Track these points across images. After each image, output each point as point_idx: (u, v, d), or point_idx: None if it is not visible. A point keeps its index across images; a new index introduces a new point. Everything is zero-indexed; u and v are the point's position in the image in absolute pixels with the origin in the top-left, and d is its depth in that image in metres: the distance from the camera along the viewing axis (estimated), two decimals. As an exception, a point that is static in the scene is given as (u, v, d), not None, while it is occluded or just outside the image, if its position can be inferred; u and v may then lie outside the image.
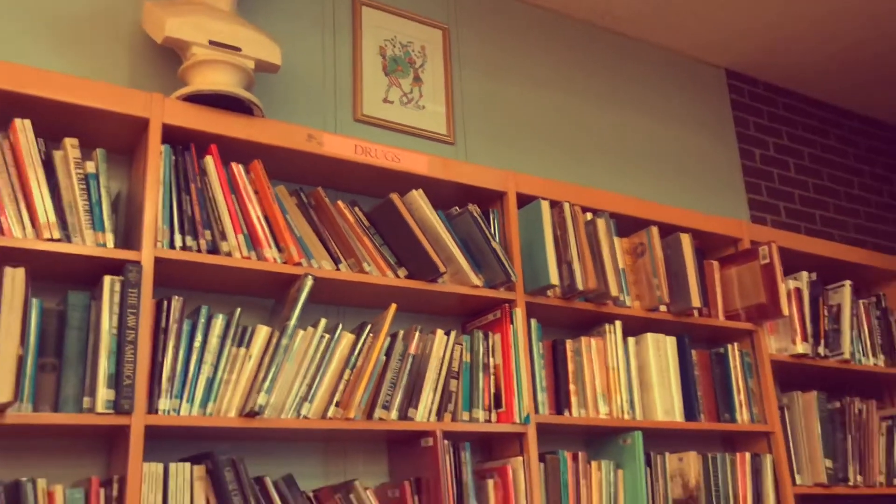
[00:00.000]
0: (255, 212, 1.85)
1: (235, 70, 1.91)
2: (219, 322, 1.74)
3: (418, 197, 2.10)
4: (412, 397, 1.94)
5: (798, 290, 2.73)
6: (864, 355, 2.85)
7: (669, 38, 3.21)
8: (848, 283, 2.88)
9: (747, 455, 2.44)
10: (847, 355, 2.76)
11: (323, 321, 1.87)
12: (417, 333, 1.99)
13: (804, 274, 2.80)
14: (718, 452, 2.40)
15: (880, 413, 2.88)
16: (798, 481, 2.56)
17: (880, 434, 2.79)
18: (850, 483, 2.63)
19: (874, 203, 3.78)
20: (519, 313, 2.14)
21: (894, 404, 3.11)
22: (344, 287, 1.97)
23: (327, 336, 1.86)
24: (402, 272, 2.02)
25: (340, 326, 1.88)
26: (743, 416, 2.48)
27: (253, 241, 1.83)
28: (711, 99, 3.35)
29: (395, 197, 2.06)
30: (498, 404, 2.08)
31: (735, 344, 2.55)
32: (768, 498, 2.43)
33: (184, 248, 1.74)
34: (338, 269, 1.94)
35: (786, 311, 2.50)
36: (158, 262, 1.71)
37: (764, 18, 3.13)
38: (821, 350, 2.72)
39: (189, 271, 1.79)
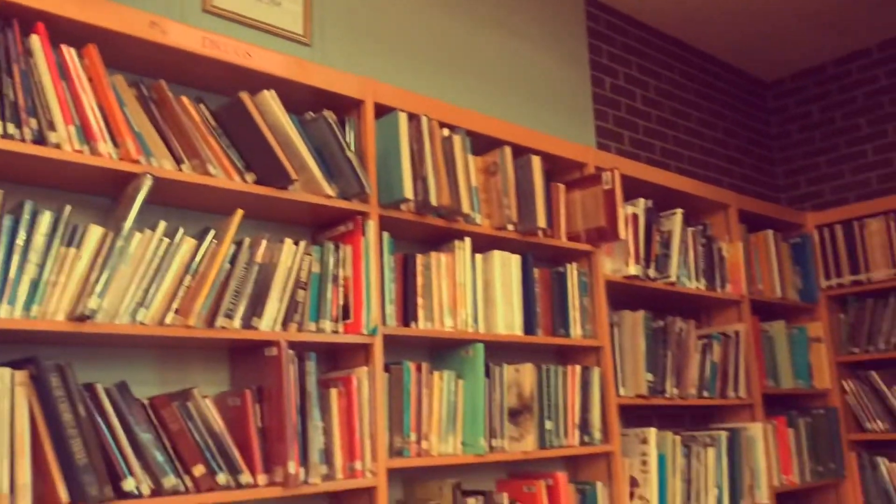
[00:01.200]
0: (88, 101, 1.69)
1: (67, -60, 1.71)
2: (45, 219, 1.60)
3: (270, 98, 2.00)
4: (257, 306, 1.90)
5: (635, 216, 2.88)
6: (688, 279, 3.08)
7: (533, -42, 3.20)
8: (679, 211, 3.07)
9: (578, 368, 2.59)
10: (674, 278, 2.97)
11: (162, 224, 1.77)
12: (265, 242, 1.93)
13: (641, 201, 2.95)
14: (552, 365, 2.53)
15: (698, 332, 3.13)
16: (621, 392, 2.76)
17: (696, 351, 3.04)
18: (667, 395, 2.86)
19: (708, 138, 4.02)
20: (371, 226, 2.12)
21: (710, 324, 3.40)
22: (186, 189, 1.86)
23: (167, 240, 1.76)
24: (250, 177, 1.94)
25: (181, 231, 1.79)
26: (577, 331, 2.62)
27: (86, 134, 1.68)
28: (569, 23, 3.39)
29: (244, 96, 1.95)
30: (346, 315, 2.07)
31: (574, 264, 2.67)
32: (594, 407, 2.61)
33: (4, 136, 1.57)
34: (180, 170, 1.82)
35: (623, 235, 2.64)
36: (-27, 149, 1.54)
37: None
38: (650, 272, 2.90)
39: (11, 162, 1.63)
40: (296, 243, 1.98)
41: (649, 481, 2.68)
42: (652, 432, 2.72)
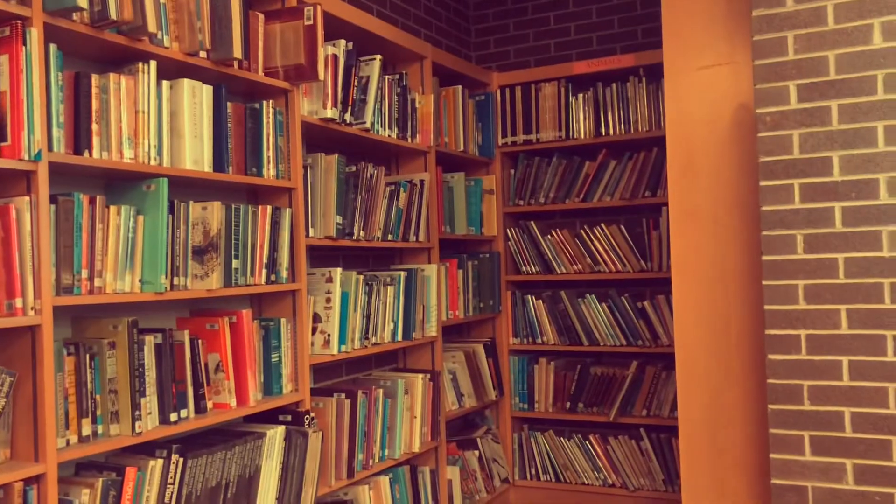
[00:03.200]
0: None
1: None
2: None
3: None
4: None
5: (335, 57, 2.84)
6: (382, 126, 3.15)
7: None
8: (378, 57, 3.08)
9: (269, 208, 2.57)
10: (368, 125, 3.02)
11: None
12: None
13: (342, 42, 2.91)
14: (243, 204, 2.48)
15: (387, 179, 3.25)
16: (311, 234, 2.80)
17: (384, 197, 3.17)
18: (355, 237, 2.97)
19: (411, -13, 4.03)
20: (34, 34, 1.83)
21: (399, 172, 3.55)
22: None
23: None
24: None
25: None
26: (270, 171, 2.58)
27: None
28: None
29: None
30: (2, 137, 1.81)
31: (270, 101, 2.58)
32: (283, 247, 2.62)
33: None
34: None
35: (321, 76, 2.59)
36: None
37: None
38: (347, 117, 2.91)
39: None
40: (-66, 46, 1.65)
41: (332, 317, 2.81)
42: (337, 272, 2.83)
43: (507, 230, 4.15)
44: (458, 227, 3.80)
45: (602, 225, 3.96)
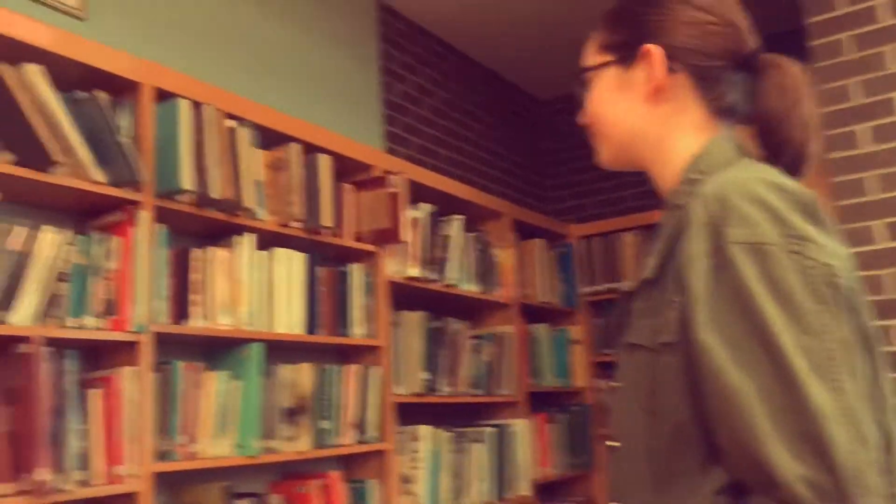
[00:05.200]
0: None
1: None
2: None
3: (34, 73, 1.83)
4: (9, 299, 1.72)
5: (418, 220, 2.97)
6: (464, 282, 3.22)
7: (329, -43, 3.20)
8: (459, 217, 3.21)
9: (357, 367, 2.62)
10: (452, 281, 3.10)
11: None
12: (21, 228, 1.76)
13: (424, 205, 3.05)
14: (332, 364, 2.54)
15: (471, 332, 3.29)
16: (398, 391, 2.83)
17: (469, 351, 3.19)
18: (441, 393, 2.98)
19: (486, 149, 4.24)
20: (145, 217, 2.01)
21: (483, 325, 3.59)
22: (-73, 165, 1.65)
23: None
24: (7, 157, 1.76)
25: (-81, 211, 1.58)
26: (358, 331, 2.65)
27: None
28: (363, 28, 3.42)
29: (4, 68, 1.77)
30: (111, 311, 1.94)
31: (358, 264, 2.70)
32: (371, 406, 2.65)
33: None
34: (-80, 144, 1.62)
35: (405, 238, 2.71)
36: None
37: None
38: (431, 274, 3.00)
39: None
40: (58, 231, 1.83)
41: (420, 477, 2.77)
42: (424, 430, 2.82)
43: (596, 381, 4.07)
44: (545, 379, 3.76)
45: (694, 372, 3.84)
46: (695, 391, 0.78)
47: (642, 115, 0.95)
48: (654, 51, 0.92)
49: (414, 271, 2.90)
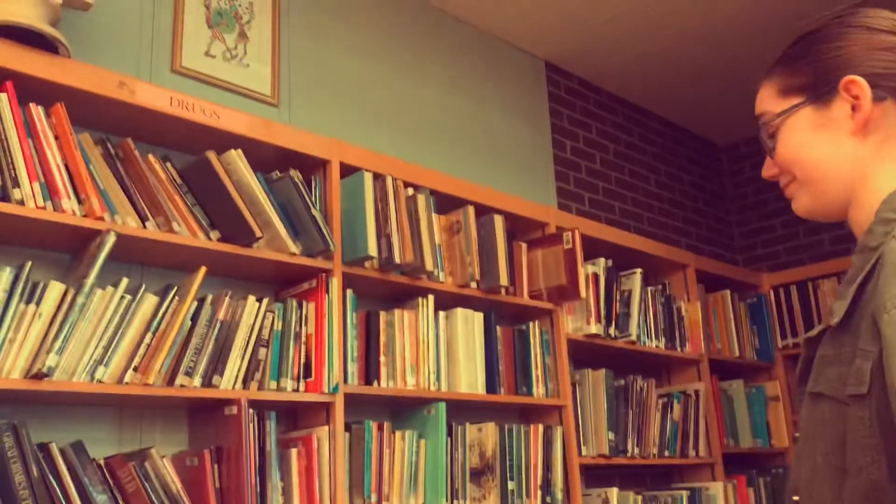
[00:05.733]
0: (53, 159, 1.70)
1: (39, 2, 1.74)
2: (5, 275, 1.59)
3: (237, 157, 2.03)
4: (217, 364, 1.89)
5: (595, 275, 2.94)
6: (648, 337, 3.12)
7: (496, 26, 3.31)
8: (639, 270, 3.13)
9: (540, 427, 2.59)
10: (634, 337, 3.01)
11: (125, 281, 1.77)
12: (227, 299, 1.94)
13: (601, 260, 3.01)
14: (515, 424, 2.54)
15: (658, 391, 3.17)
16: (584, 452, 2.76)
17: (657, 410, 3.07)
18: (629, 454, 2.88)
19: (666, 199, 4.13)
20: (335, 283, 2.13)
21: (671, 382, 3.44)
22: (150, 246, 1.87)
23: (128, 297, 1.76)
24: (214, 234, 1.95)
25: (143, 287, 1.78)
26: (539, 390, 2.64)
27: (50, 190, 1.69)
28: (531, 88, 3.49)
29: (211, 155, 1.97)
30: (307, 374, 2.06)
31: (536, 322, 2.70)
32: (557, 467, 2.61)
33: (-34, 192, 1.57)
34: (144, 227, 1.83)
35: (583, 294, 2.68)
36: (-66, 205, 1.53)
37: (585, 16, 3.30)
38: (611, 331, 2.94)
39: (-28, 219, 1.63)
40: (258, 300, 1.99)
41: (611, 542, 2.67)
42: (614, 492, 2.72)
43: (801, 441, 3.75)
44: (742, 440, 3.52)
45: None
46: (891, 447, 0.73)
47: (850, 150, 0.90)
48: (860, 81, 0.88)
49: (594, 328, 2.85)
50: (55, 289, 1.65)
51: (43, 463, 1.57)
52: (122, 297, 1.75)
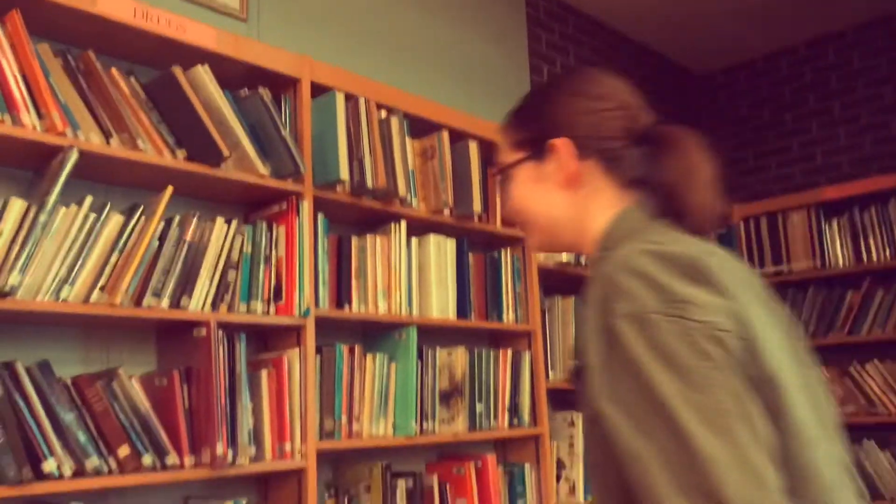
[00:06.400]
0: (10, 69, 1.63)
1: None
2: (-38, 191, 1.54)
3: (204, 73, 1.96)
4: (186, 286, 1.86)
5: (569, 203, 2.93)
6: (618, 266, 3.14)
7: (476, -57, 3.20)
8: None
9: (509, 352, 2.62)
10: (604, 265, 3.03)
11: (89, 199, 1.72)
12: (195, 220, 1.90)
13: (576, 188, 2.99)
14: (484, 348, 2.56)
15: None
16: (551, 377, 2.81)
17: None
18: (595, 379, 2.93)
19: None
20: (306, 206, 2.10)
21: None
22: (114, 164, 1.81)
23: (93, 215, 1.71)
24: (180, 153, 1.90)
25: (108, 206, 1.74)
26: (509, 316, 2.66)
27: (7, 104, 1.62)
28: (509, 12, 3.40)
29: (177, 70, 1.90)
30: (277, 297, 2.05)
31: (508, 249, 2.70)
32: (524, 390, 2.65)
33: (-82, 102, 1.50)
34: (108, 144, 1.77)
35: (557, 222, 2.68)
36: None
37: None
38: (582, 259, 2.95)
39: (-76, 131, 1.56)
40: (227, 222, 1.95)
41: (576, 463, 2.74)
42: (579, 416, 2.78)
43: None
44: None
45: (875, 361, 3.55)
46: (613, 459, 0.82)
47: (562, 202, 1.01)
48: (560, 144, 0.99)
49: (565, 256, 2.86)
50: (16, 205, 1.60)
51: (8, 381, 1.56)
52: (87, 216, 1.70)
